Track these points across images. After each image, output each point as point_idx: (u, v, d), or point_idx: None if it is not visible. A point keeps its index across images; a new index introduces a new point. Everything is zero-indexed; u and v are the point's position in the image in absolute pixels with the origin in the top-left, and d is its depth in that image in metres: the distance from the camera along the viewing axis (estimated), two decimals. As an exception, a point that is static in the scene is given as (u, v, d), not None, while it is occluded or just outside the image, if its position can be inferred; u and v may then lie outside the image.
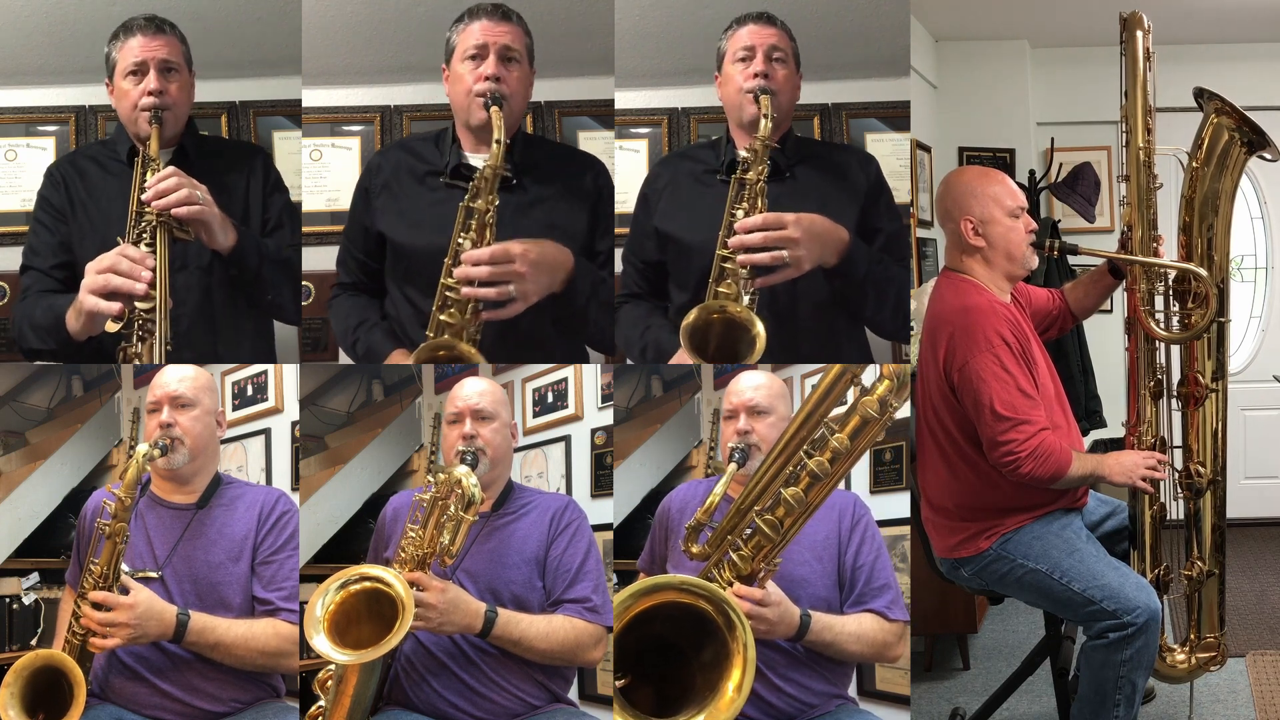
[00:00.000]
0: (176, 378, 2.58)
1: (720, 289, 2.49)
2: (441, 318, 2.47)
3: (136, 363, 2.45)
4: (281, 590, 2.55)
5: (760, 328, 2.44)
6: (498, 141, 2.47)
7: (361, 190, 2.76)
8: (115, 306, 2.41)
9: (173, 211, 2.46)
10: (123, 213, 2.53)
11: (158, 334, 2.43)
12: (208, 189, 2.53)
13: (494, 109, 2.49)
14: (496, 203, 2.48)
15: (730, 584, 2.37)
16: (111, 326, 2.42)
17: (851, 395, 2.38)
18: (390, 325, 2.69)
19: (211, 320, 2.66)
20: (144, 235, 2.48)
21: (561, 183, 2.68)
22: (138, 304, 2.42)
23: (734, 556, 2.39)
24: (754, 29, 2.64)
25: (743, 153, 2.56)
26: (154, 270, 2.43)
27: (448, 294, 2.46)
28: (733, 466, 2.51)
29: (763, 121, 2.55)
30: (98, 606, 2.39)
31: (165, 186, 2.47)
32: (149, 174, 2.51)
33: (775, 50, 2.63)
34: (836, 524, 2.56)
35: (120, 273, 2.41)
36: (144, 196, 2.48)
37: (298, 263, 2.74)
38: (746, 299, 2.48)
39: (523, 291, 2.44)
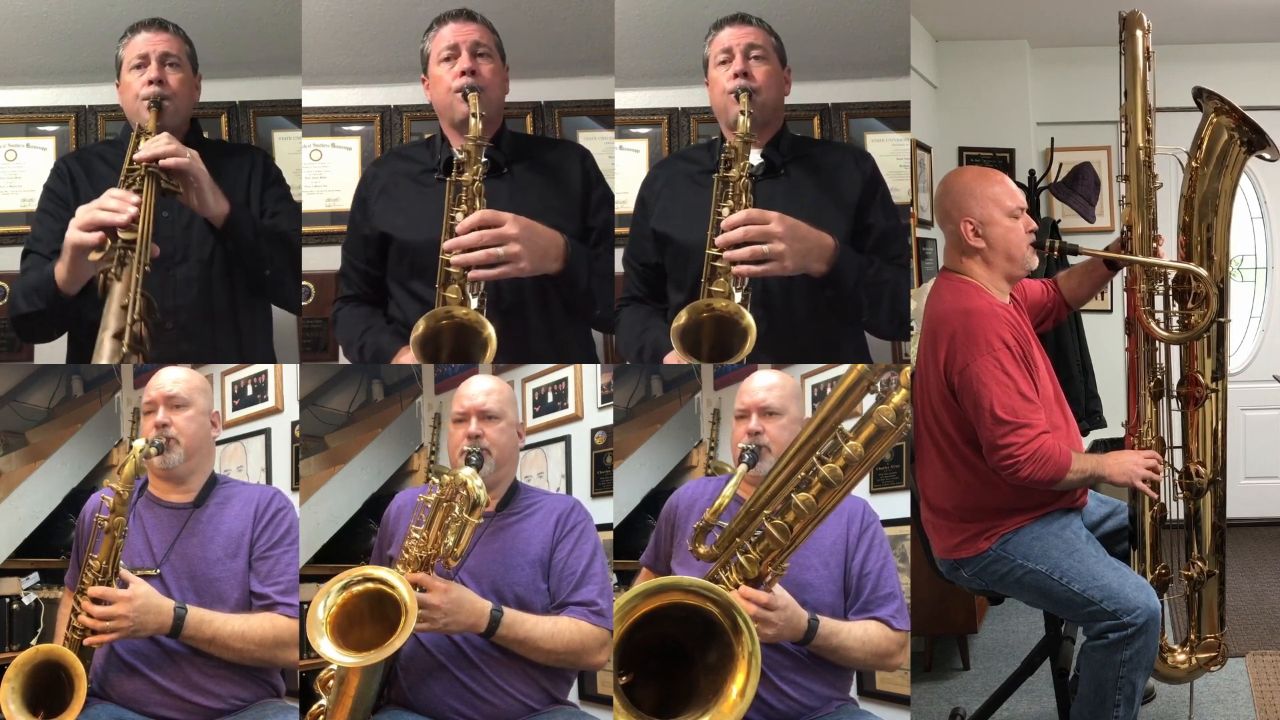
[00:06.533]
0: (171, 379, 2.60)
1: (713, 288, 2.49)
2: (445, 294, 2.50)
3: (115, 285, 2.41)
4: (278, 584, 2.55)
5: (749, 319, 2.43)
6: (474, 115, 2.53)
7: (359, 200, 2.80)
8: (96, 236, 2.42)
9: (160, 163, 2.49)
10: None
11: (135, 263, 2.41)
12: None
13: (471, 94, 2.57)
14: (481, 174, 2.52)
15: (737, 586, 2.36)
16: (94, 256, 2.43)
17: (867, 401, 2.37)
18: (396, 327, 2.70)
19: (211, 315, 2.68)
20: (132, 184, 2.49)
21: (551, 167, 2.73)
22: (120, 234, 2.42)
23: (741, 559, 2.38)
24: (731, 30, 2.66)
25: (727, 151, 2.57)
26: (139, 207, 2.44)
27: (448, 270, 2.50)
28: (742, 468, 2.49)
29: (740, 119, 2.56)
30: (97, 602, 2.39)
31: (155, 143, 2.51)
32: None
33: (753, 49, 2.63)
34: (845, 530, 2.55)
35: (106, 208, 2.43)
36: (135, 156, 2.51)
37: (297, 249, 2.75)
38: (739, 296, 2.48)
39: (512, 254, 2.46)
